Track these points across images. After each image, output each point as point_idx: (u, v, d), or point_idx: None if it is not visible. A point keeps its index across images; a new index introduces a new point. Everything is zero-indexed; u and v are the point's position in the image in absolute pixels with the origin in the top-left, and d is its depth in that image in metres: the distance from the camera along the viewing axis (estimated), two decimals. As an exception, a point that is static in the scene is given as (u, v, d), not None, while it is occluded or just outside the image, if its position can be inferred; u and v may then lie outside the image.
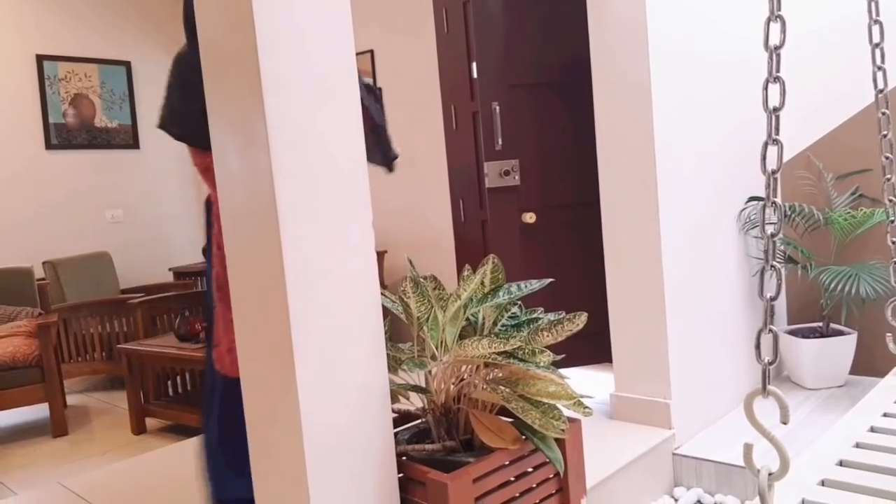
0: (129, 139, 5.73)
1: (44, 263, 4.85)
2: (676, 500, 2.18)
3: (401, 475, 1.44)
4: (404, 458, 1.45)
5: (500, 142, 2.92)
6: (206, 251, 1.77)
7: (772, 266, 1.06)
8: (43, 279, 4.71)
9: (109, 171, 5.64)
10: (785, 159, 2.90)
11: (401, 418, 1.61)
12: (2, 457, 3.47)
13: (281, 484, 1.34)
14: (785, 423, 1.07)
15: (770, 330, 1.05)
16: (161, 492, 2.16)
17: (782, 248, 2.79)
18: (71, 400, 4.41)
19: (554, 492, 1.56)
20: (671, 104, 2.28)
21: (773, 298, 1.05)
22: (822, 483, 1.62)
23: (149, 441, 3.52)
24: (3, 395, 3.64)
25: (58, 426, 3.73)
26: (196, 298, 4.68)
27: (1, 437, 3.82)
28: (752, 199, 2.68)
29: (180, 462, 2.43)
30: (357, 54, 1.41)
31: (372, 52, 4.50)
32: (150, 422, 3.73)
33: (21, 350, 3.75)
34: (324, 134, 1.33)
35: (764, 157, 1.11)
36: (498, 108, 2.90)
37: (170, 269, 5.84)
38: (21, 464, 3.35)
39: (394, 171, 1.79)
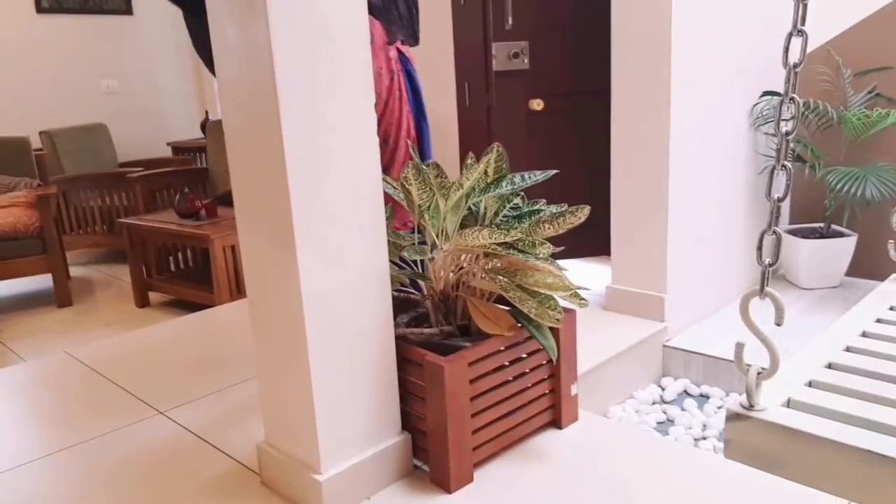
0: (122, 4, 5.51)
1: (40, 133, 4.78)
2: (664, 389, 2.27)
3: (399, 356, 1.48)
4: (403, 340, 1.49)
5: (510, 21, 2.80)
6: None
7: (783, 166, 1.05)
8: (40, 150, 4.67)
9: (103, 38, 5.45)
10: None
11: (401, 303, 1.64)
12: (9, 325, 3.57)
13: (282, 359, 1.38)
14: (779, 325, 1.08)
15: (774, 231, 1.04)
16: (166, 363, 2.24)
17: (792, 146, 2.75)
18: (74, 272, 4.49)
19: (546, 377, 1.61)
20: (692, -11, 2.17)
21: (780, 199, 1.04)
22: (810, 384, 1.67)
23: (152, 314, 3.62)
24: (6, 264, 3.70)
25: (62, 297, 3.81)
26: (195, 175, 4.66)
27: (7, 306, 3.91)
28: (766, 93, 2.61)
29: (184, 335, 2.51)
30: (363, -79, 1.33)
31: (378, -82, 4.24)
32: (154, 296, 3.81)
33: (22, 220, 3.77)
34: (325, 5, 1.27)
35: (787, 49, 1.07)
36: (509, -15, 2.76)
37: (168, 144, 5.78)
38: (27, 332, 3.46)
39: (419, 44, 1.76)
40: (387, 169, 1.73)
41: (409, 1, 1.69)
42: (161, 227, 3.57)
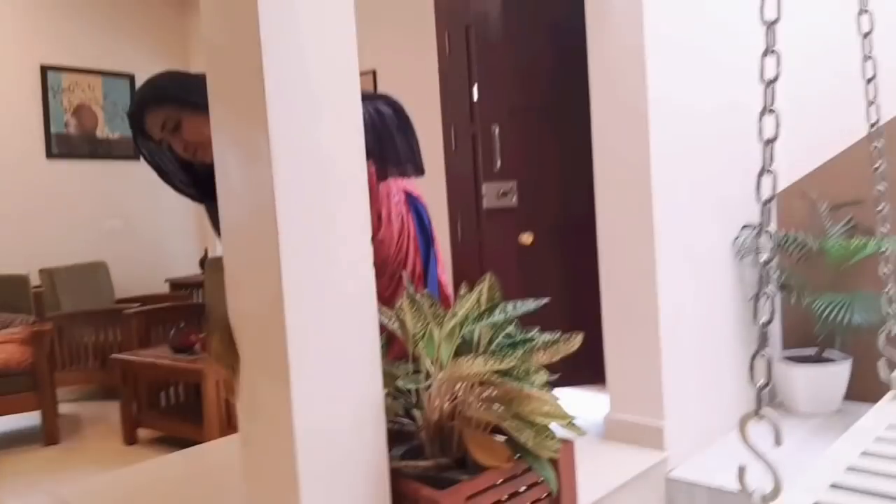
0: (129, 150, 5.75)
1: (40, 271, 4.84)
2: (667, 524, 2.18)
3: (393, 491, 1.44)
4: (397, 474, 1.45)
5: (498, 163, 2.95)
6: None
7: (765, 293, 1.08)
8: (39, 287, 4.71)
9: (109, 181, 5.65)
10: (780, 188, 2.93)
11: (395, 434, 1.61)
12: (-9, 465, 3.45)
13: (273, 497, 1.34)
14: (779, 445, 1.07)
15: (762, 354, 1.06)
16: (151, 502, 2.15)
17: (777, 274, 2.81)
18: (63, 408, 4.38)
19: (545, 512, 1.56)
20: (669, 133, 2.31)
21: (766, 323, 1.07)
22: (815, 507, 1.62)
23: (140, 451, 3.51)
24: (-6, 402, 3.63)
25: (50, 434, 3.71)
26: (191, 310, 4.68)
27: (-9, 445, 3.79)
28: (746, 226, 2.71)
29: (171, 473, 2.42)
30: (360, 74, 1.44)
31: (374, 72, 4.55)
32: (142, 432, 3.72)
33: (14, 357, 3.74)
34: (327, 152, 1.35)
35: (758, 187, 1.13)
36: (497, 130, 2.93)
37: (166, 280, 5.84)
38: (12, 472, 3.33)
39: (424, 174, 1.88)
40: (390, 300, 1.77)
41: (407, 135, 1.80)
42: (154, 361, 3.54)
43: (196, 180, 1.80)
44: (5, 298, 4.32)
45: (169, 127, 1.67)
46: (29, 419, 4.08)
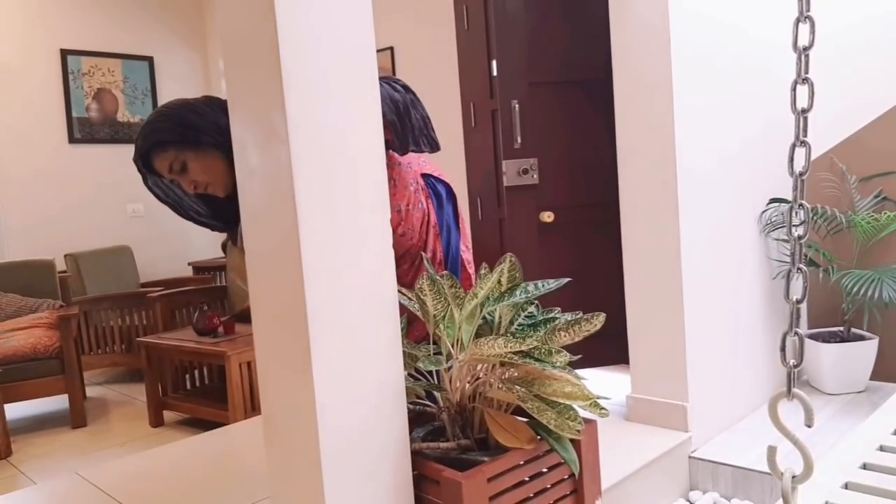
0: (150, 134, 5.78)
1: (65, 256, 4.90)
2: (692, 504, 2.16)
3: (415, 473, 1.43)
4: (419, 455, 1.45)
5: (519, 140, 2.91)
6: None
7: (798, 269, 1.05)
8: (64, 272, 4.77)
9: (131, 165, 5.67)
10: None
11: (416, 416, 1.61)
12: (21, 447, 3.52)
13: (296, 479, 1.34)
14: (809, 426, 1.05)
15: (795, 333, 1.03)
16: (178, 484, 2.18)
17: (805, 250, 2.75)
18: (90, 392, 4.47)
19: (569, 493, 1.55)
20: (692, 104, 2.25)
21: (799, 301, 1.04)
22: (846, 486, 1.60)
23: (166, 434, 3.56)
24: (23, 385, 3.70)
25: (77, 417, 3.77)
26: (214, 293, 4.72)
27: (21, 428, 3.87)
28: (773, 200, 2.65)
29: (197, 455, 2.45)
30: (377, 51, 1.41)
31: (392, 49, 4.50)
32: (168, 414, 3.76)
33: (42, 341, 3.80)
34: (343, 130, 1.33)
35: (791, 159, 1.10)
36: (517, 106, 2.89)
37: (189, 264, 5.89)
38: (40, 454, 3.40)
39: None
40: (411, 284, 1.76)
41: (420, 112, 1.78)
42: (179, 344, 3.57)
43: (215, 211, 1.80)
44: (32, 284, 4.38)
45: (176, 169, 1.66)
46: (57, 402, 4.16)
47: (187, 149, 1.63)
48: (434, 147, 1.83)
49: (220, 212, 1.79)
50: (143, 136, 1.65)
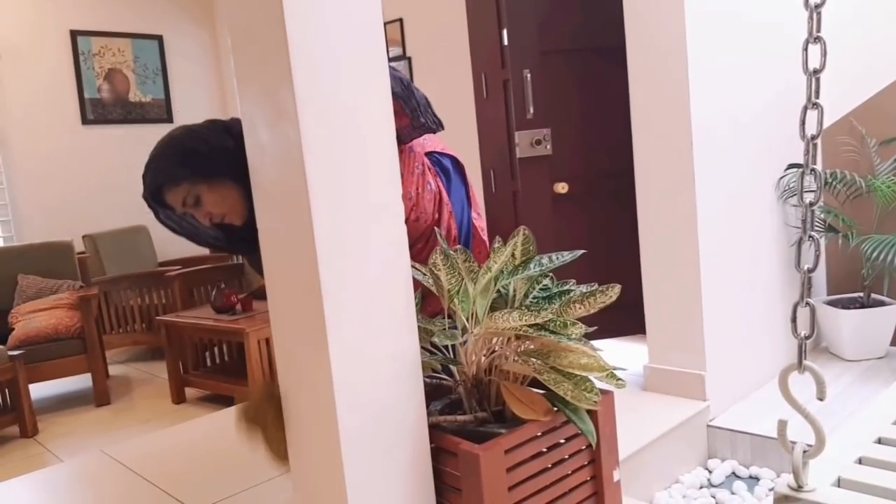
0: (162, 113, 5.79)
1: (83, 237, 4.95)
2: (711, 472, 2.17)
3: (433, 446, 1.45)
4: (436, 428, 1.46)
5: (531, 110, 2.88)
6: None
7: (810, 236, 1.03)
8: (83, 253, 4.82)
9: (144, 145, 5.69)
10: (826, 124, 2.81)
11: (433, 389, 1.62)
12: (47, 425, 3.59)
13: (315, 452, 1.36)
14: (821, 400, 1.04)
15: (807, 303, 1.02)
16: (201, 459, 2.22)
17: (822, 216, 2.72)
18: (113, 370, 4.54)
19: (586, 463, 1.56)
20: (707, 69, 2.22)
21: (810, 270, 1.03)
22: (860, 461, 1.58)
23: (188, 410, 3.61)
24: (47, 365, 3.76)
25: (100, 396, 3.84)
26: (231, 271, 4.76)
27: (46, 407, 3.95)
28: (791, 166, 2.61)
29: (219, 430, 2.49)
30: (386, 23, 1.40)
31: (401, 20, 4.46)
32: (190, 391, 3.82)
33: (63, 322, 3.85)
34: (353, 105, 1.32)
35: (803, 122, 1.08)
36: (529, 75, 2.86)
37: (205, 242, 5.93)
38: (65, 432, 3.47)
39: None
40: (426, 261, 1.76)
41: (422, 94, 1.76)
42: (198, 322, 3.62)
43: (232, 235, 1.74)
44: (51, 265, 4.44)
45: (190, 203, 1.61)
46: (80, 381, 4.23)
47: (200, 182, 1.59)
48: (439, 125, 1.81)
49: (238, 235, 1.73)
50: (153, 172, 1.61)
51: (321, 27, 1.28)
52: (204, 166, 1.59)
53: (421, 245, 1.84)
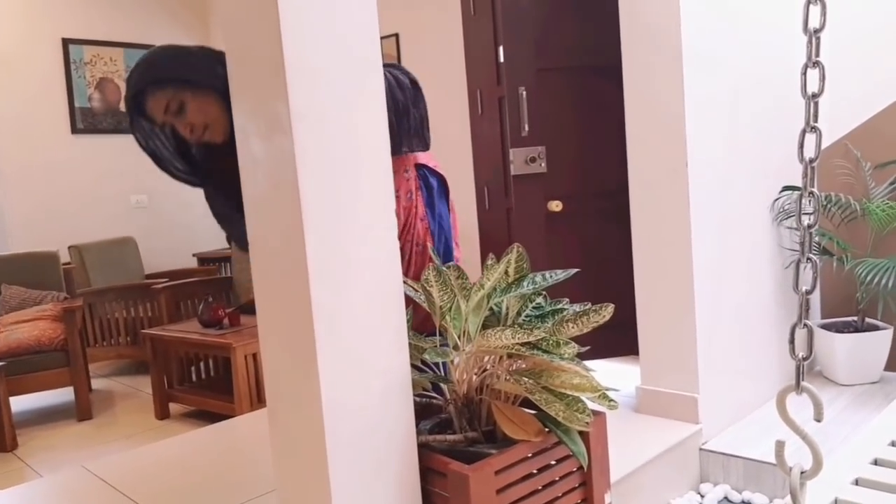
0: (153, 124, 5.78)
1: (70, 248, 4.93)
2: (703, 497, 2.16)
3: (422, 465, 1.44)
4: (425, 448, 1.45)
5: (526, 128, 2.90)
6: None
7: (808, 258, 1.04)
8: (68, 263, 4.79)
9: (134, 155, 5.67)
10: (822, 147, 2.84)
11: (422, 408, 1.61)
12: (27, 439, 3.55)
13: (302, 471, 1.35)
14: (819, 421, 1.05)
15: (805, 324, 1.03)
16: (184, 477, 2.19)
17: (817, 239, 2.74)
18: (96, 384, 4.50)
19: (577, 485, 1.55)
20: (703, 89, 2.24)
21: (808, 292, 1.03)
22: (856, 482, 1.59)
23: (172, 426, 3.58)
24: (28, 378, 3.73)
25: (83, 410, 3.81)
26: (220, 284, 4.74)
27: (27, 420, 3.90)
28: (786, 188, 2.64)
29: (203, 447, 2.47)
30: (381, 38, 1.41)
31: (397, 35, 4.49)
32: (174, 407, 3.79)
33: (46, 334, 3.82)
34: (347, 120, 1.33)
35: (801, 146, 1.09)
36: (524, 93, 2.88)
37: (193, 255, 5.91)
38: (46, 446, 3.43)
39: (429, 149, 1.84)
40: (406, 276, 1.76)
41: (419, 108, 1.76)
42: (184, 336, 3.60)
43: (193, 166, 1.76)
44: (36, 275, 4.41)
45: (173, 109, 1.62)
46: (62, 395, 4.19)
47: (185, 88, 1.60)
48: (425, 146, 1.82)
49: (200, 169, 1.75)
50: (140, 72, 1.61)
51: (317, 40, 1.28)
52: (191, 73, 1.60)
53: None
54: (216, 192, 1.76)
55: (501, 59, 2.93)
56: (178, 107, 1.61)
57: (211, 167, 1.72)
